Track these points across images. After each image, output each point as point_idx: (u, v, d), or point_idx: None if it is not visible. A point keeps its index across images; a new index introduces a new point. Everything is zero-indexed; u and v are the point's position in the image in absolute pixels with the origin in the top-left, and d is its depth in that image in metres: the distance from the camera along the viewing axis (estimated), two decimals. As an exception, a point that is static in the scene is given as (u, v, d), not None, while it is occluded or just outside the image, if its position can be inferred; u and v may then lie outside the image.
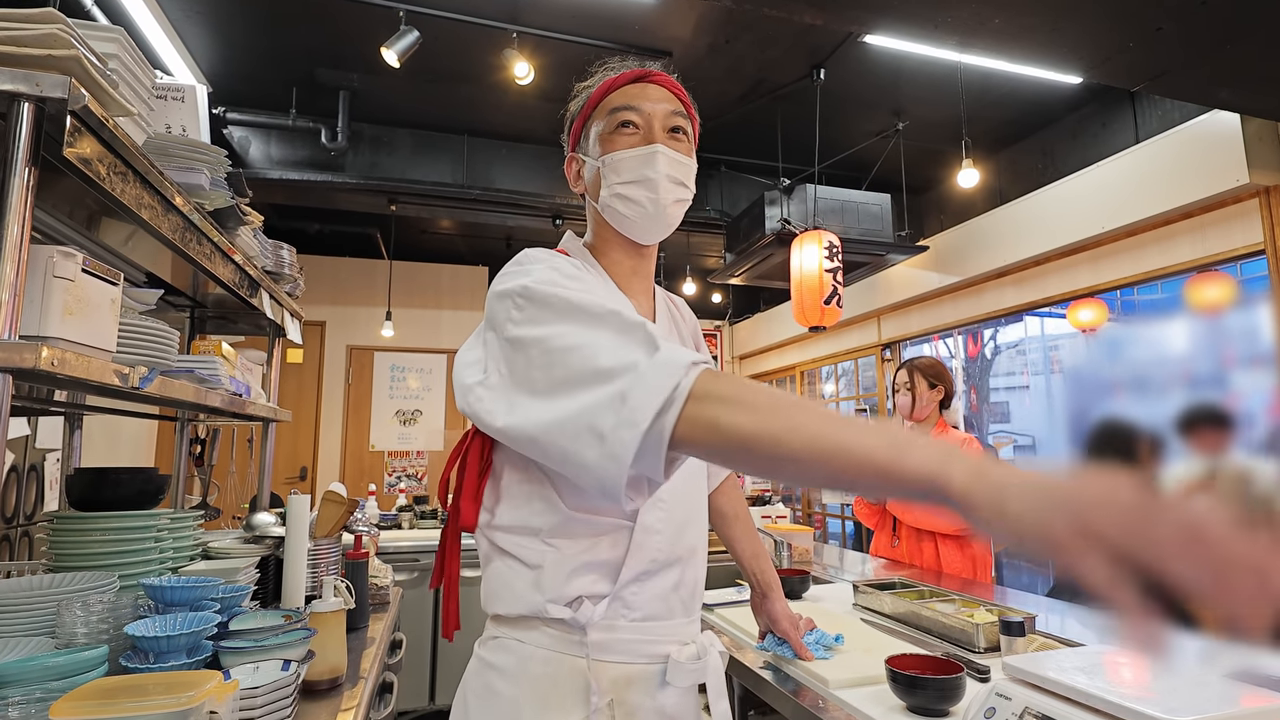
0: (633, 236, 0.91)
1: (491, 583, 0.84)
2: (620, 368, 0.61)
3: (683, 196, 0.89)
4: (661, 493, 0.83)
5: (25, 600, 1.03)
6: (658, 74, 0.91)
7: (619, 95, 0.89)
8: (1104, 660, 1.03)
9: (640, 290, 0.95)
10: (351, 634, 1.53)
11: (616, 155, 0.87)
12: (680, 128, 0.90)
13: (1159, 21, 1.96)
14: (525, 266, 0.78)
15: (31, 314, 0.86)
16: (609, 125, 0.88)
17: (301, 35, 3.33)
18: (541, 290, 0.71)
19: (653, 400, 0.57)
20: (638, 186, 0.86)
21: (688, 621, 0.89)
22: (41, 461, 2.66)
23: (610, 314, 0.66)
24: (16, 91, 0.82)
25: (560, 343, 0.66)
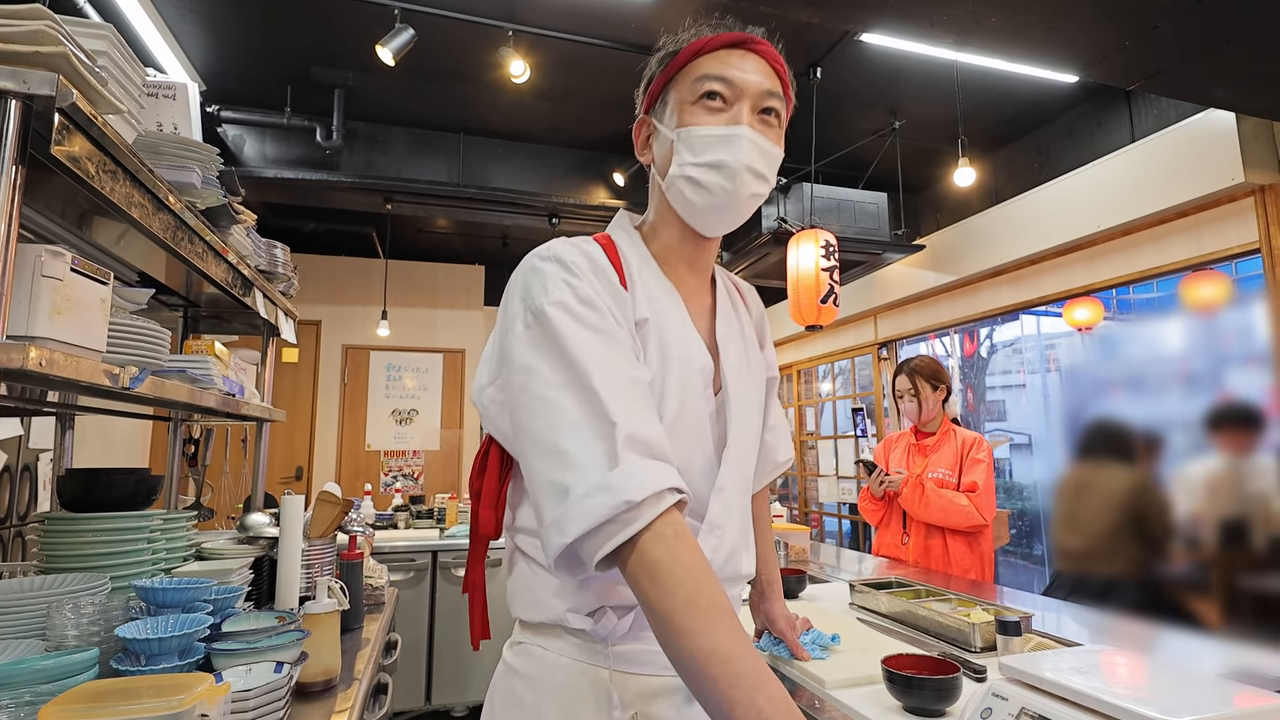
0: (695, 225, 0.82)
1: (515, 585, 0.80)
2: (574, 459, 0.62)
3: (759, 190, 0.79)
4: (719, 517, 0.76)
5: (15, 602, 1.02)
6: (760, 41, 0.80)
7: (711, 60, 0.78)
8: (1100, 660, 1.03)
9: (696, 285, 0.86)
10: (346, 635, 1.52)
11: (694, 130, 0.77)
12: (773, 109, 0.79)
13: (1155, 20, 1.96)
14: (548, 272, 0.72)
15: (19, 314, 0.85)
16: (692, 93, 0.77)
17: (296, 33, 3.32)
18: (550, 316, 0.68)
19: (584, 520, 0.60)
20: (712, 171, 0.76)
21: None
22: (35, 462, 2.64)
23: (591, 392, 0.64)
24: (3, 89, 0.81)
25: (539, 389, 0.66)
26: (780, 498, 6.54)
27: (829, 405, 6.23)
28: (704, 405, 0.78)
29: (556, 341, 0.67)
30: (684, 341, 0.78)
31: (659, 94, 0.83)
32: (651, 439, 0.64)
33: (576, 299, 0.70)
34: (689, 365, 0.77)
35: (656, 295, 0.79)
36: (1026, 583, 5.08)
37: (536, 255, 0.75)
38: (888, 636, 1.46)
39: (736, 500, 0.80)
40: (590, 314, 0.69)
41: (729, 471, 0.79)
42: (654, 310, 0.77)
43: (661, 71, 0.82)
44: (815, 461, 6.10)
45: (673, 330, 0.77)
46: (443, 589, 3.23)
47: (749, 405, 0.86)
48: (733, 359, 0.84)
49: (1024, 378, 5.85)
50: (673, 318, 0.78)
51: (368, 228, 5.20)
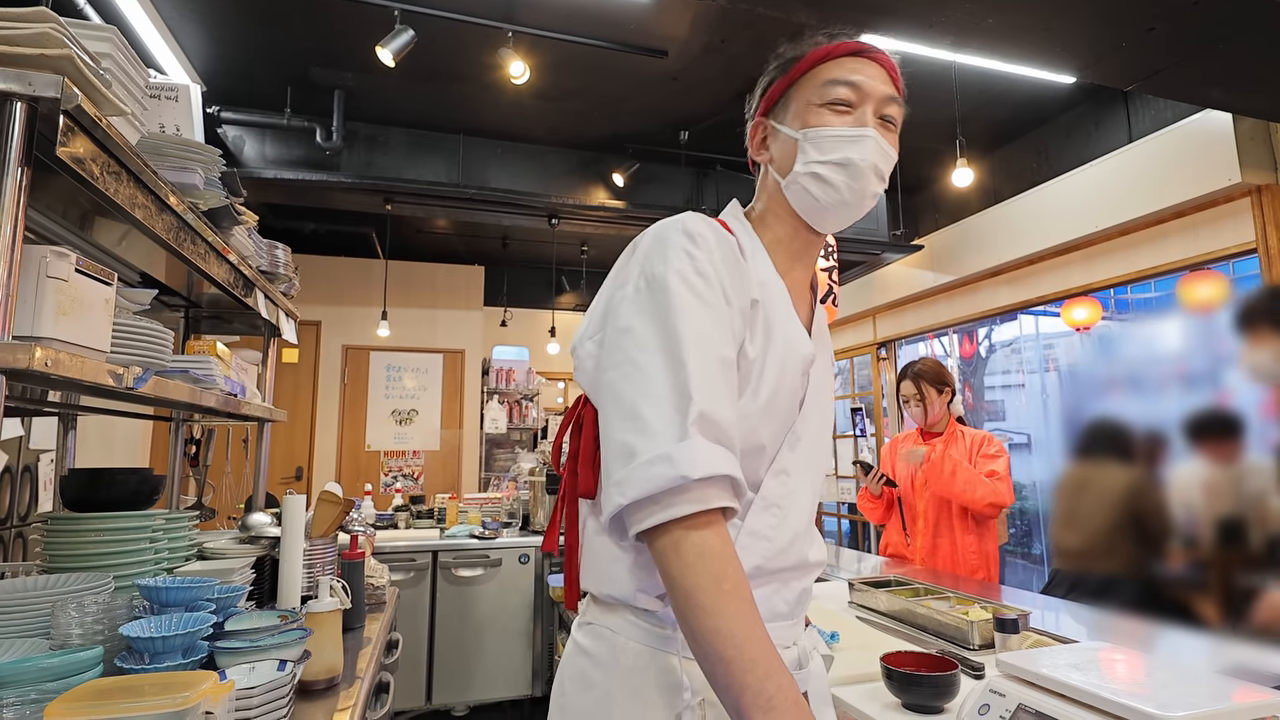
0: (813, 221, 0.85)
1: (590, 559, 0.80)
2: (649, 424, 0.65)
3: (878, 191, 0.83)
4: (778, 496, 0.77)
5: (20, 601, 1.03)
6: (880, 52, 0.83)
7: (835, 66, 0.81)
8: (1097, 657, 1.04)
9: (800, 278, 0.88)
10: (347, 634, 1.53)
11: (822, 131, 0.80)
12: (892, 117, 0.83)
13: (1151, 21, 1.97)
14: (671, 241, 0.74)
15: (25, 314, 0.86)
16: (820, 97, 0.81)
17: (296, 34, 3.32)
18: (662, 281, 0.71)
19: (642, 486, 0.64)
20: (838, 169, 0.79)
21: (791, 624, 0.82)
22: (36, 462, 2.64)
23: (680, 364, 0.66)
24: (9, 91, 0.81)
25: (633, 350, 0.70)
26: (779, 497, 6.56)
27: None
28: (799, 391, 0.81)
29: (663, 308, 0.69)
30: (787, 327, 0.80)
31: (778, 97, 0.86)
32: (722, 423, 0.66)
33: (694, 270, 0.72)
34: (792, 350, 0.79)
35: (766, 280, 0.81)
36: (1025, 581, 5.09)
37: (665, 224, 0.77)
38: (886, 634, 1.47)
39: (803, 487, 0.81)
40: (702, 285, 0.72)
41: (792, 456, 0.80)
42: (764, 294, 0.79)
43: (783, 76, 0.85)
44: (814, 461, 6.11)
45: (778, 315, 0.80)
46: (443, 589, 3.24)
47: (828, 404, 0.88)
48: (823, 355, 0.87)
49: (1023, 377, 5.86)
50: (779, 305, 0.81)
51: (367, 228, 5.21)
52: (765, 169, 0.88)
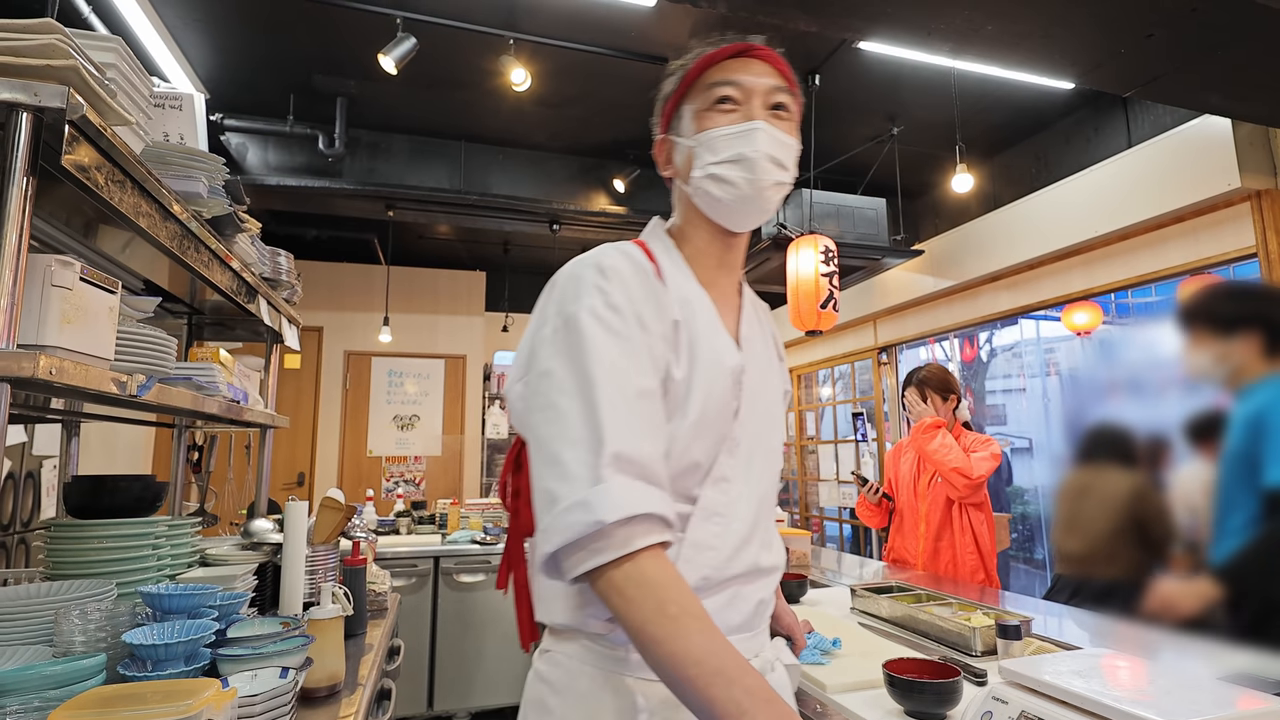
0: (723, 222, 0.85)
1: (540, 591, 0.80)
2: (567, 469, 0.65)
3: (782, 179, 0.82)
4: (718, 504, 0.78)
5: (23, 609, 1.03)
6: (760, 48, 0.84)
7: (717, 70, 0.83)
8: (1100, 663, 1.03)
9: (726, 285, 0.89)
10: (349, 640, 1.53)
11: (712, 132, 0.81)
12: (783, 104, 0.83)
13: (1150, 28, 1.98)
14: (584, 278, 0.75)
15: (30, 322, 0.86)
16: (705, 101, 0.82)
17: (299, 42, 3.34)
18: (575, 321, 0.71)
19: (559, 536, 0.64)
20: (734, 166, 0.80)
21: (750, 635, 0.81)
22: (38, 468, 2.65)
23: (592, 407, 0.66)
24: (15, 101, 0.82)
25: (551, 394, 0.70)
26: (781, 502, 6.54)
27: (829, 410, 6.23)
28: (731, 403, 0.80)
29: (577, 348, 0.70)
30: (713, 342, 0.80)
31: (674, 111, 0.87)
32: (641, 458, 0.66)
33: (605, 304, 0.72)
34: (718, 365, 0.79)
35: (688, 298, 0.81)
36: (1028, 586, 5.08)
37: (579, 260, 0.78)
38: (889, 641, 1.46)
39: (747, 492, 0.81)
40: (616, 319, 0.72)
41: (731, 463, 0.79)
42: (686, 312, 0.79)
43: (674, 92, 0.87)
44: (816, 466, 6.10)
45: (702, 331, 0.80)
46: (445, 594, 3.23)
47: (772, 405, 0.88)
48: (752, 359, 0.86)
49: (1024, 382, 5.86)
50: (702, 319, 0.81)
51: (369, 234, 5.23)
52: (676, 183, 0.89)
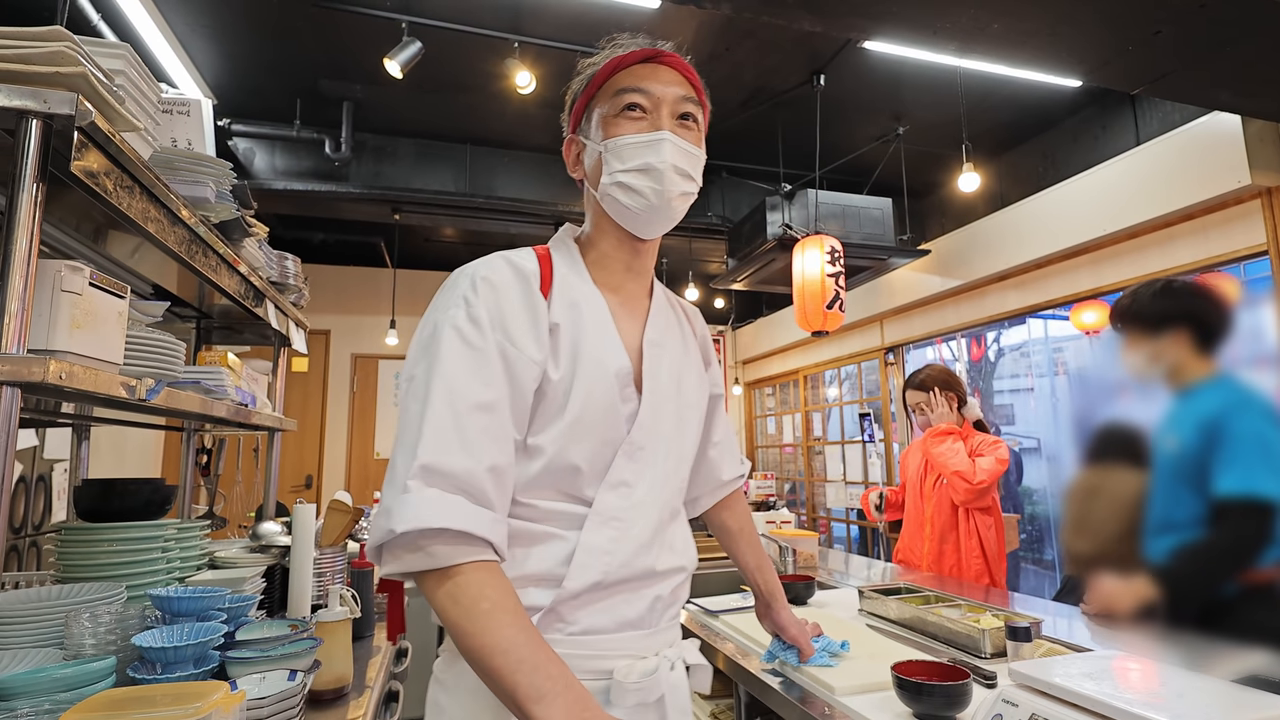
0: (631, 229, 0.86)
1: None
2: (392, 474, 0.70)
3: (688, 189, 0.84)
4: (616, 509, 0.78)
5: (33, 612, 1.04)
6: (669, 55, 0.85)
7: (626, 75, 0.83)
8: (1111, 665, 1.02)
9: (634, 290, 0.90)
10: (357, 643, 1.53)
11: (620, 140, 0.81)
12: (690, 115, 0.85)
13: (1158, 25, 1.97)
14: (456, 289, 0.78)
15: (40, 327, 0.87)
16: (614, 107, 0.82)
17: (305, 47, 3.36)
18: (436, 330, 0.75)
19: (374, 538, 0.69)
20: (641, 175, 0.81)
21: (647, 634, 0.81)
22: (50, 472, 2.67)
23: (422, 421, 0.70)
24: (25, 108, 0.83)
25: (407, 399, 0.74)
26: (788, 503, 6.52)
27: (836, 410, 6.21)
28: (619, 405, 0.81)
29: (433, 357, 0.73)
30: (599, 345, 0.81)
31: (583, 112, 0.88)
32: (457, 473, 0.68)
33: (466, 317, 0.75)
34: (601, 367, 0.80)
35: (577, 301, 0.82)
36: (1037, 588, 5.04)
37: (461, 269, 0.80)
38: (897, 643, 1.46)
39: (650, 497, 0.82)
40: (474, 332, 0.74)
41: (633, 468, 0.81)
42: (571, 316, 0.81)
43: (583, 92, 0.87)
44: (823, 467, 6.08)
45: (588, 334, 0.81)
46: (452, 597, 3.24)
47: (685, 409, 0.89)
48: (660, 363, 0.86)
49: (1032, 381, 5.82)
50: (590, 322, 0.82)
51: (376, 238, 5.25)
52: (585, 185, 0.90)
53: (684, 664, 0.84)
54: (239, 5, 2.99)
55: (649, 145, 0.81)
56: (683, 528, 0.91)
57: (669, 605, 0.86)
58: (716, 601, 1.84)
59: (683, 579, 0.88)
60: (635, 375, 0.84)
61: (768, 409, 7.25)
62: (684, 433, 0.89)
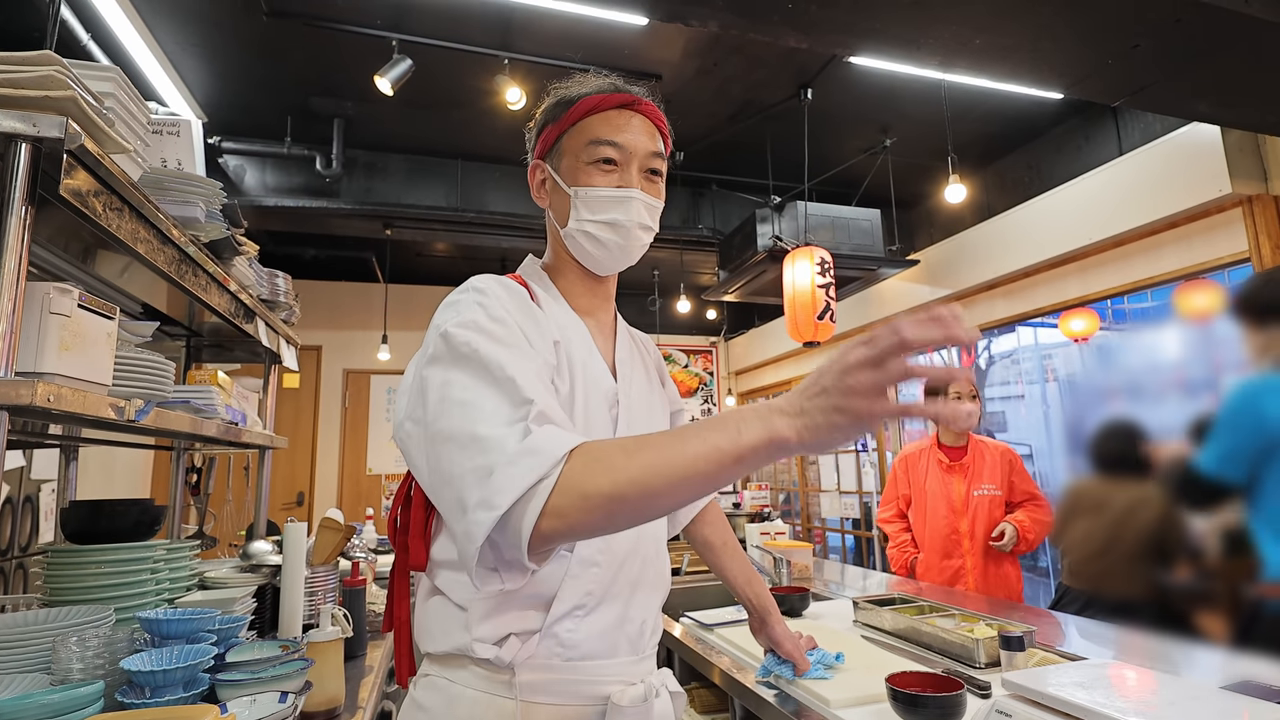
0: (593, 269, 0.91)
1: (424, 619, 0.81)
2: (494, 441, 0.62)
3: (647, 240, 0.89)
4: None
5: (20, 636, 1.02)
6: (644, 104, 0.88)
7: (601, 122, 0.85)
8: (1105, 674, 1.03)
9: (601, 313, 0.93)
10: (349, 662, 1.52)
11: (591, 192, 0.85)
12: (657, 169, 0.88)
13: (1136, 39, 2.01)
14: (461, 301, 0.76)
15: (28, 350, 0.87)
16: (588, 155, 0.85)
17: (295, 65, 3.38)
18: (461, 335, 0.70)
19: (513, 486, 0.58)
20: (608, 229, 0.85)
21: (636, 660, 0.83)
22: (37, 492, 2.64)
23: (507, 380, 0.65)
24: (14, 132, 0.83)
25: (454, 393, 0.67)
26: (783, 514, 6.52)
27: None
28: (609, 425, 0.84)
29: (468, 351, 0.69)
30: (588, 364, 0.84)
31: (552, 142, 0.89)
32: (563, 422, 0.66)
33: (488, 317, 0.73)
34: (594, 387, 0.83)
35: (563, 323, 0.85)
36: (1032, 595, 5.04)
37: (455, 291, 0.80)
38: (892, 654, 1.46)
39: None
40: (500, 329, 0.73)
41: None
42: (562, 335, 0.83)
43: (554, 123, 0.88)
44: (817, 477, 6.08)
45: (578, 354, 0.83)
46: (445, 614, 3.21)
47: (653, 426, 0.92)
48: (631, 382, 0.90)
49: (1023, 389, 5.86)
50: (578, 344, 0.85)
51: (368, 253, 5.25)
52: (548, 214, 0.92)
53: (667, 690, 0.85)
54: (229, 24, 3.01)
55: (618, 202, 0.85)
56: (660, 545, 0.92)
57: (654, 632, 0.88)
58: (711, 615, 1.84)
59: (662, 597, 0.90)
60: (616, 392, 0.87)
61: (761, 419, 7.25)
62: None
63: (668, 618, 1.81)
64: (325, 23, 3.00)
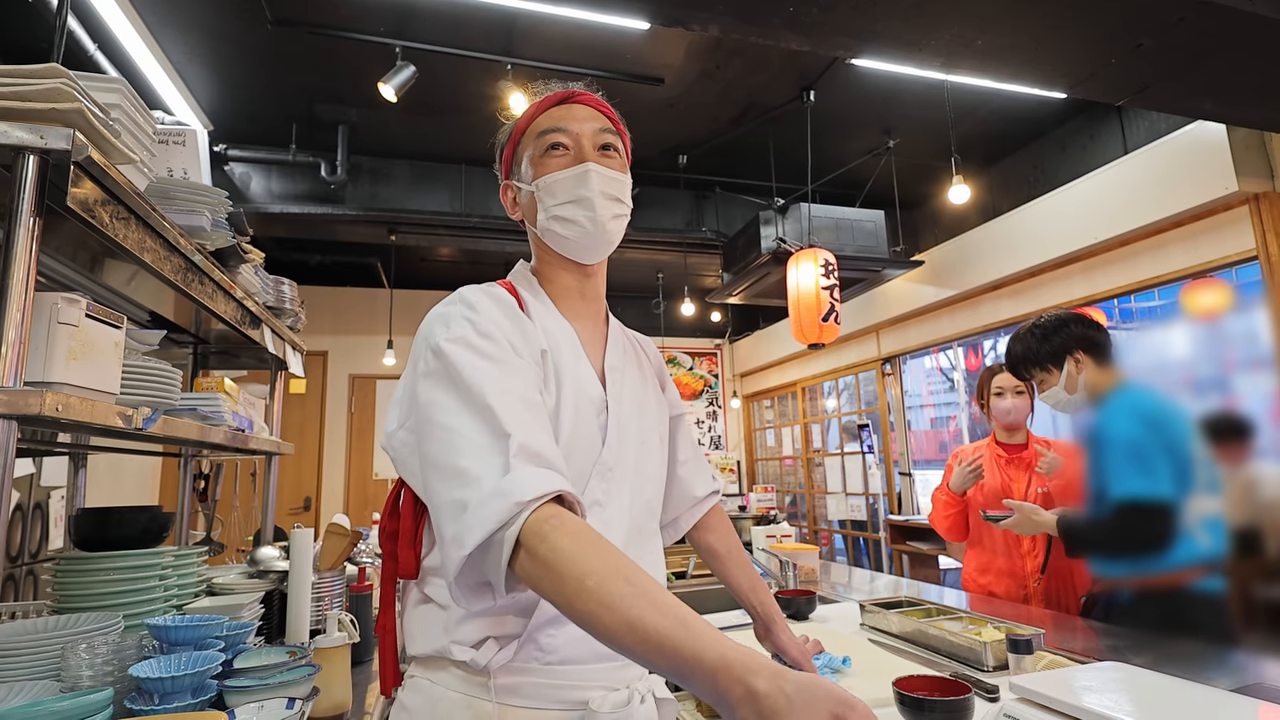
0: (573, 257, 0.90)
1: (410, 626, 0.81)
2: (472, 475, 0.64)
3: (620, 212, 0.89)
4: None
5: (30, 644, 1.03)
6: (582, 93, 0.91)
7: (545, 118, 0.89)
8: (1114, 677, 1.02)
9: (589, 314, 0.93)
10: (356, 668, 1.52)
11: (549, 178, 0.87)
12: (610, 144, 0.90)
13: (1139, 38, 2.00)
14: (451, 314, 0.77)
15: (36, 360, 0.88)
16: (539, 149, 0.88)
17: (300, 73, 3.40)
18: (450, 352, 0.72)
19: (481, 527, 0.61)
20: (574, 206, 0.86)
21: (621, 665, 0.81)
22: (46, 499, 2.66)
23: (487, 409, 0.67)
24: (22, 144, 0.84)
25: (440, 417, 0.69)
26: (789, 516, 6.50)
27: (834, 422, 6.21)
28: (597, 431, 0.83)
29: (456, 372, 0.71)
30: (576, 372, 0.84)
31: (511, 158, 0.93)
32: (544, 450, 0.67)
33: (476, 333, 0.74)
34: (581, 393, 0.83)
35: (551, 330, 0.85)
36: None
37: (444, 301, 0.81)
38: (899, 657, 1.45)
39: (619, 516, 0.83)
40: (488, 345, 0.74)
41: (604, 487, 0.82)
42: (550, 344, 0.83)
43: (509, 140, 0.93)
44: (823, 479, 6.07)
45: (566, 361, 0.83)
46: (452, 618, 3.21)
47: (646, 432, 0.91)
48: (621, 387, 0.89)
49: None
50: (566, 351, 0.85)
51: (372, 258, 5.27)
52: (526, 225, 0.94)
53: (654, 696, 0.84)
54: (234, 33, 3.03)
55: (576, 178, 0.86)
56: (654, 550, 0.92)
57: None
58: (716, 619, 1.83)
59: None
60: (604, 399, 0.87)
61: (766, 421, 7.24)
62: (647, 454, 0.91)
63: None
64: (329, 31, 3.02)
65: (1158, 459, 1.50)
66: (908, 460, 5.25)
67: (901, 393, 5.37)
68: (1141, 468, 1.51)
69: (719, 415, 7.31)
